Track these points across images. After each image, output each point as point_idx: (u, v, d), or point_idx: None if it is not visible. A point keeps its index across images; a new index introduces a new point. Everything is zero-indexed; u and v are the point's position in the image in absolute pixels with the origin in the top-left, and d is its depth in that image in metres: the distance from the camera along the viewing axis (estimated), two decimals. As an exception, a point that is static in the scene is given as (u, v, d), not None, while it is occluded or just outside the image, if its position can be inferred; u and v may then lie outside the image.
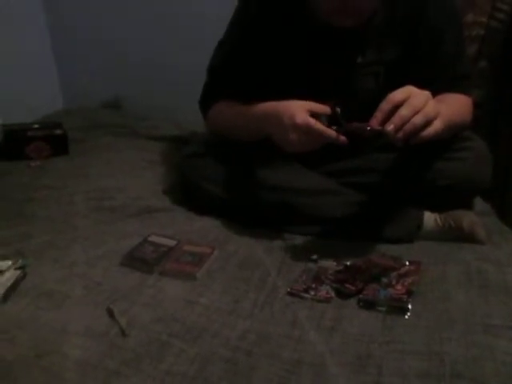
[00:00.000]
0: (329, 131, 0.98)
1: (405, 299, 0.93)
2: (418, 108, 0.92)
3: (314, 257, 1.09)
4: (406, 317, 0.91)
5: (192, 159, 1.30)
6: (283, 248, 1.14)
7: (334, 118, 1.00)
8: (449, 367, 0.78)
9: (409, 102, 0.92)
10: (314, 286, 0.99)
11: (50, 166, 1.57)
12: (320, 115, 1.01)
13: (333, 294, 0.97)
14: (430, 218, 1.19)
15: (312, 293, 0.97)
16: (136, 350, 0.82)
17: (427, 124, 0.93)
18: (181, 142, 1.70)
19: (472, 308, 0.93)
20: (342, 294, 0.97)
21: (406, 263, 1.05)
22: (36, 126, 1.73)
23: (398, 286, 0.97)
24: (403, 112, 0.92)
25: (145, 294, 0.97)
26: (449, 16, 1.19)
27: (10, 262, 1.01)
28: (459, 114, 1.15)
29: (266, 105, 1.12)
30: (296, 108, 1.02)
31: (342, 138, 0.97)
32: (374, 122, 0.93)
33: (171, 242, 1.11)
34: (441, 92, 1.13)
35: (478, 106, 1.30)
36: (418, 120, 0.92)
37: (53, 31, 2.15)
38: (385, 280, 0.99)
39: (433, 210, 1.20)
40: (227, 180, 1.23)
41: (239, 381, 0.77)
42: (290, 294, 0.97)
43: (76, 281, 0.99)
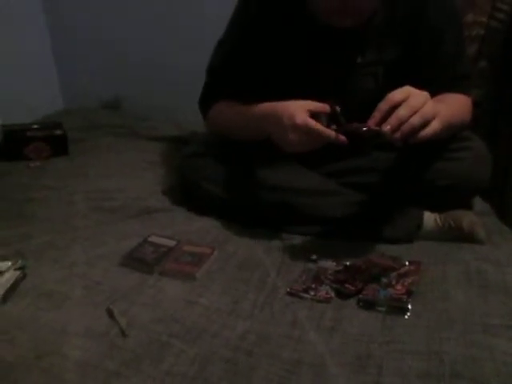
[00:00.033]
0: (328, 131, 0.98)
1: (404, 299, 0.93)
2: (415, 108, 0.92)
3: (314, 257, 1.09)
4: (406, 317, 0.91)
5: (192, 159, 1.30)
6: (283, 248, 1.14)
7: (333, 117, 1.00)
8: (448, 367, 0.79)
9: (407, 103, 0.92)
10: (313, 286, 0.99)
11: (49, 167, 1.57)
12: (320, 115, 1.01)
13: (332, 294, 0.97)
14: (429, 218, 1.19)
15: (312, 293, 0.97)
16: (136, 350, 0.82)
17: (425, 124, 0.93)
18: (181, 142, 1.70)
19: (471, 308, 0.93)
20: (341, 294, 0.97)
21: (406, 263, 1.05)
22: (36, 126, 1.73)
23: (398, 286, 0.97)
24: (401, 112, 0.92)
25: (145, 294, 0.97)
26: (449, 16, 1.19)
27: (9, 263, 1.01)
28: (458, 114, 1.15)
29: (266, 105, 1.11)
30: (295, 108, 1.02)
31: (342, 137, 0.97)
32: (371, 122, 0.93)
33: (171, 243, 1.11)
34: (441, 92, 1.13)
35: (477, 105, 1.30)
36: (415, 120, 0.92)
37: (53, 31, 2.14)
38: (384, 280, 0.99)
39: (432, 209, 1.20)
40: (227, 180, 1.23)
41: (239, 381, 0.77)
42: (289, 294, 0.98)
43: (76, 281, 1.00)
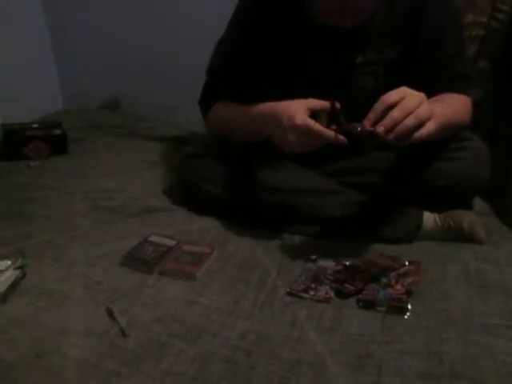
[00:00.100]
0: (327, 132, 0.98)
1: (404, 299, 0.93)
2: (410, 110, 0.92)
3: (313, 257, 1.08)
4: (406, 317, 0.91)
5: (191, 160, 1.30)
6: (282, 248, 1.14)
7: (333, 117, 1.00)
8: (448, 367, 0.79)
9: (402, 104, 0.92)
10: (313, 286, 0.99)
11: (49, 166, 1.57)
12: (320, 115, 1.01)
13: (332, 294, 0.97)
14: (429, 218, 1.19)
15: (311, 293, 0.97)
16: (136, 350, 0.82)
17: (420, 125, 0.93)
18: (180, 142, 1.70)
19: (471, 308, 0.93)
20: (341, 293, 0.97)
21: (406, 263, 1.05)
22: (35, 125, 1.73)
23: (398, 286, 0.97)
24: (395, 114, 0.92)
25: (145, 294, 0.97)
26: (449, 16, 1.20)
27: (9, 262, 1.01)
28: (457, 114, 1.15)
29: (265, 105, 1.11)
30: (295, 109, 1.01)
31: (341, 138, 0.97)
32: (367, 122, 0.93)
33: (171, 242, 1.11)
34: (440, 92, 1.13)
35: (477, 105, 1.30)
36: (409, 122, 0.92)
37: (53, 31, 2.14)
38: (384, 280, 0.99)
39: (432, 209, 1.20)
40: (227, 181, 1.23)
41: (239, 381, 0.77)
42: (289, 294, 0.98)
43: (76, 280, 1.00)
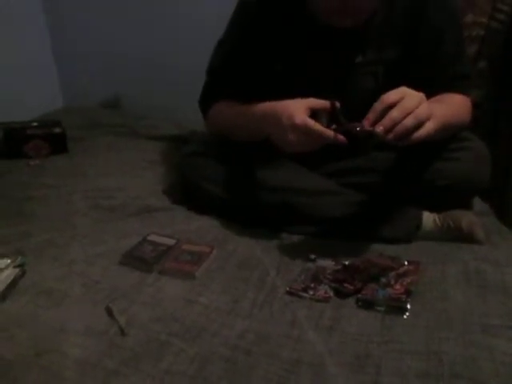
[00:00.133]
0: (327, 131, 0.97)
1: (403, 299, 0.93)
2: (409, 110, 0.92)
3: (313, 256, 1.09)
4: (405, 316, 0.91)
5: (192, 158, 1.30)
6: (282, 247, 1.14)
7: (333, 117, 1.00)
8: (447, 367, 0.79)
9: (401, 104, 0.92)
10: (312, 285, 0.99)
11: (49, 165, 1.57)
12: (320, 115, 1.01)
13: (331, 293, 0.97)
14: (428, 218, 1.19)
15: (311, 292, 0.97)
16: (135, 349, 0.82)
17: (419, 126, 0.93)
18: (180, 141, 1.70)
19: (470, 308, 0.93)
20: (340, 293, 0.97)
21: (405, 263, 1.05)
22: (35, 124, 1.73)
23: (397, 286, 0.97)
24: (394, 114, 0.92)
25: (144, 293, 0.97)
26: (449, 16, 1.20)
27: (8, 260, 1.01)
28: (457, 114, 1.15)
29: (265, 105, 1.11)
30: (295, 108, 1.01)
31: (341, 137, 0.97)
32: (366, 122, 0.93)
33: (170, 241, 1.11)
34: (440, 92, 1.13)
35: (477, 106, 1.30)
36: (408, 122, 0.92)
37: (53, 31, 2.15)
38: (383, 280, 0.99)
39: (432, 210, 1.20)
40: (227, 180, 1.23)
41: (239, 380, 0.77)
42: (288, 293, 0.98)
43: (75, 279, 1.00)
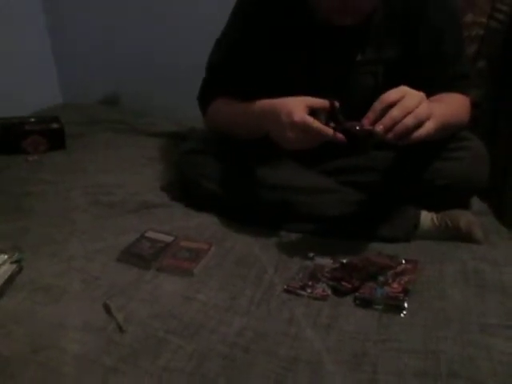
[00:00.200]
0: (326, 129, 0.97)
1: (401, 298, 0.94)
2: (409, 109, 0.92)
3: (311, 254, 1.09)
4: (402, 315, 0.91)
5: (190, 156, 1.29)
6: (280, 245, 1.14)
7: (332, 115, 1.00)
8: (445, 366, 0.79)
9: (401, 103, 0.92)
10: (310, 283, 0.99)
11: (47, 161, 1.57)
12: (319, 113, 1.01)
13: (329, 291, 0.97)
14: (426, 218, 1.19)
15: (308, 290, 0.97)
16: (133, 345, 0.82)
17: (419, 125, 0.93)
18: (179, 138, 1.69)
19: (468, 307, 0.93)
20: (338, 291, 0.97)
21: (403, 262, 1.05)
22: (33, 119, 1.72)
23: (395, 285, 0.97)
24: (394, 113, 0.92)
25: (142, 289, 0.97)
26: (449, 16, 1.20)
27: (5, 256, 1.00)
28: (456, 114, 1.15)
29: (264, 102, 1.11)
30: (294, 105, 1.01)
31: (340, 136, 0.97)
32: (365, 121, 0.93)
33: (168, 238, 1.11)
34: (439, 91, 1.13)
35: (476, 105, 1.30)
36: (408, 121, 0.91)
37: (52, 31, 2.14)
38: (381, 278, 0.99)
39: (430, 209, 1.20)
40: (226, 178, 1.23)
41: (236, 377, 0.77)
42: (286, 291, 0.98)
43: (74, 275, 0.99)
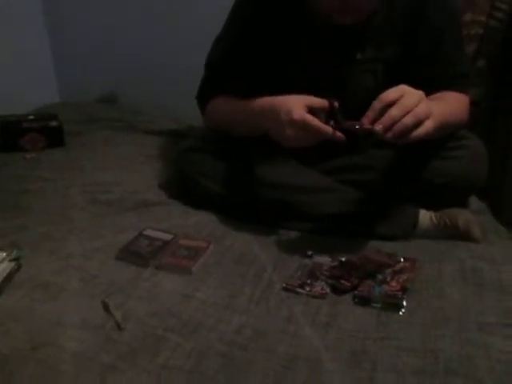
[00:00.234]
0: (325, 127, 0.98)
1: (399, 296, 0.94)
2: (409, 108, 0.92)
3: (310, 252, 1.09)
4: (401, 313, 0.91)
5: (189, 154, 1.29)
6: (279, 244, 1.14)
7: (331, 114, 1.00)
8: (443, 364, 0.79)
9: (400, 102, 0.92)
10: (309, 281, 0.99)
11: (45, 158, 1.56)
12: (318, 112, 1.01)
13: (328, 289, 0.97)
14: (425, 216, 1.19)
15: (307, 288, 0.97)
16: (131, 343, 0.82)
17: (418, 124, 0.93)
18: (178, 136, 1.70)
19: (467, 306, 0.93)
20: (337, 289, 0.97)
21: (401, 260, 1.05)
22: (31, 117, 1.72)
23: (393, 283, 0.97)
24: (393, 112, 0.92)
25: (140, 287, 0.96)
26: (449, 16, 1.20)
27: (4, 254, 1.00)
28: (455, 113, 1.15)
29: (264, 100, 1.11)
30: (293, 103, 1.01)
31: (339, 134, 0.97)
32: (365, 120, 0.93)
33: (167, 236, 1.11)
34: (439, 90, 1.13)
35: (475, 104, 1.30)
36: (408, 120, 0.92)
37: (52, 31, 2.14)
38: (380, 276, 0.99)
39: (429, 207, 1.21)
40: (224, 176, 1.23)
41: (235, 375, 0.77)
42: (285, 289, 0.98)
43: (72, 273, 0.99)
